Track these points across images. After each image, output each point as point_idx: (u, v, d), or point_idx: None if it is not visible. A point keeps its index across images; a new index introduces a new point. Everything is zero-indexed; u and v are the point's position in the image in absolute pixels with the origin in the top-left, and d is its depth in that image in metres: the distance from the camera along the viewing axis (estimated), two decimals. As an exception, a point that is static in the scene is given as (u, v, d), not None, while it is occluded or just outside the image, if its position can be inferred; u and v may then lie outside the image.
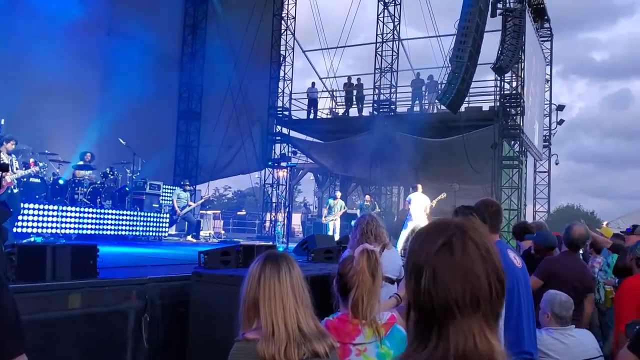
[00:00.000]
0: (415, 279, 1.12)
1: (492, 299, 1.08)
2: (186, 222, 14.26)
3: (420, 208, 12.09)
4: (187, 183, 14.74)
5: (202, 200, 16.44)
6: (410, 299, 1.14)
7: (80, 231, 10.59)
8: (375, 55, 19.45)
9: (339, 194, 17.29)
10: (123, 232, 11.70)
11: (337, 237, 12.35)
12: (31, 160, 9.45)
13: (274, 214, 21.71)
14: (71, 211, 10.49)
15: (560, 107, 24.59)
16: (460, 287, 1.07)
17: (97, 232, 10.96)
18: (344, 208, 15.70)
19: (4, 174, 7.03)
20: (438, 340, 1.08)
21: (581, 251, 6.47)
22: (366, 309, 2.29)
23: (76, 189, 11.15)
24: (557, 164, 25.04)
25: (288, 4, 22.47)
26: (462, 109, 16.01)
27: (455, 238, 1.11)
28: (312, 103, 22.40)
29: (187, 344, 4.28)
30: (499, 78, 17.15)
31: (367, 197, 17.36)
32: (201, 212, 19.14)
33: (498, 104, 17.57)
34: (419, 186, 12.48)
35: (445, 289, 1.08)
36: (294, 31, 22.60)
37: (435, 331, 1.09)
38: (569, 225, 4.89)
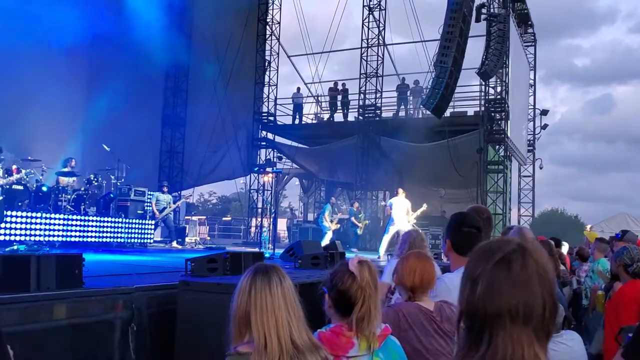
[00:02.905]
0: (470, 287, 1.20)
1: (544, 317, 1.15)
2: (167, 228, 14.13)
3: (401, 212, 12.11)
4: (166, 184, 14.56)
5: (181, 201, 16.28)
6: (463, 307, 1.22)
7: (64, 238, 10.46)
8: (361, 60, 19.51)
9: (333, 199, 17.35)
10: (108, 239, 11.57)
11: (326, 242, 12.31)
12: (14, 166, 9.33)
13: (259, 219, 21.65)
14: (55, 218, 10.34)
15: (544, 112, 24.82)
16: (515, 298, 1.15)
17: (81, 239, 10.82)
18: (338, 213, 15.76)
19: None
20: (488, 346, 1.15)
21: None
22: (372, 323, 2.25)
23: (60, 195, 11.01)
24: (541, 168, 25.28)
25: (273, 9, 22.47)
26: (447, 113, 16.12)
27: (516, 255, 1.19)
28: (298, 108, 22.40)
29: (174, 354, 4.23)
30: (483, 83, 17.27)
31: (355, 204, 17.39)
32: (186, 217, 19.03)
33: (483, 108, 17.70)
34: (400, 190, 12.52)
35: (501, 299, 1.15)
36: (279, 36, 22.61)
37: (486, 338, 1.16)
38: (519, 230, 4.89)
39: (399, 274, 2.81)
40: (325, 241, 13.57)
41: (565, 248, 9.58)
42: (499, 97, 17.46)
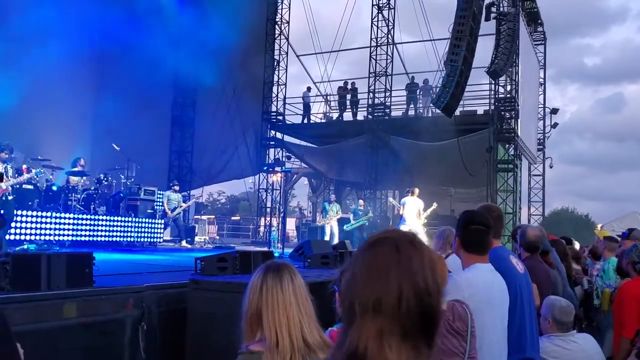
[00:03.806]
0: (344, 279, 1.16)
1: (399, 309, 1.06)
2: (176, 227, 14.16)
3: (413, 212, 12.08)
4: (176, 184, 14.59)
5: (192, 201, 16.33)
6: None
7: (74, 238, 10.49)
8: (370, 59, 19.46)
9: (333, 197, 17.24)
10: (118, 239, 11.61)
11: (335, 241, 12.29)
12: (24, 166, 9.36)
13: (268, 218, 21.65)
14: (65, 218, 10.38)
15: (554, 111, 24.70)
16: (365, 289, 1.08)
17: (91, 238, 10.86)
18: (339, 212, 15.64)
19: (-2, 182, 6.98)
20: (344, 339, 1.10)
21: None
22: None
23: (70, 195, 11.04)
24: (551, 167, 25.17)
25: (282, 9, 22.46)
26: (457, 112, 16.02)
27: (375, 245, 1.14)
28: (307, 107, 22.38)
29: (185, 352, 4.23)
30: (493, 82, 17.19)
31: (361, 202, 17.32)
32: (196, 217, 19.07)
33: (493, 107, 17.62)
34: (416, 190, 12.46)
35: (355, 290, 1.10)
36: (288, 36, 22.60)
37: (345, 331, 1.11)
38: (522, 229, 4.85)
39: None
40: (327, 238, 13.56)
41: (576, 247, 9.50)
42: (508, 95, 17.37)
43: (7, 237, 8.62)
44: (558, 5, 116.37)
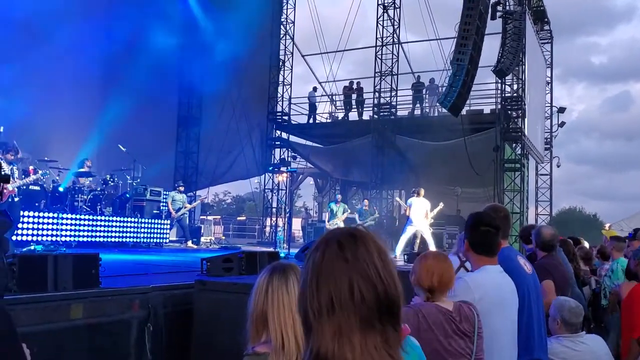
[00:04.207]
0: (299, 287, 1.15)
1: (354, 302, 1.05)
2: (181, 228, 14.17)
3: (420, 213, 12.02)
4: (182, 184, 14.63)
5: (197, 202, 16.34)
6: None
7: (80, 238, 10.52)
8: (375, 59, 19.43)
9: (339, 197, 17.22)
10: (124, 239, 11.63)
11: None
12: (31, 167, 9.39)
13: (274, 219, 21.64)
14: (71, 218, 10.41)
15: (561, 110, 24.57)
16: (316, 292, 1.07)
17: (97, 239, 10.89)
18: (348, 211, 15.62)
19: (5, 184, 6.99)
20: (307, 346, 1.09)
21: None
22: None
23: (76, 196, 11.08)
24: (558, 166, 25.03)
25: (287, 9, 22.45)
26: (463, 112, 15.96)
27: (319, 246, 1.12)
28: (313, 107, 22.36)
29: (190, 353, 4.23)
30: (499, 81, 17.13)
31: (366, 201, 17.29)
32: (201, 217, 19.08)
33: (499, 106, 17.55)
34: (422, 190, 12.42)
35: (305, 296, 1.09)
36: (293, 36, 22.60)
37: (306, 341, 1.10)
38: (537, 230, 4.83)
39: (417, 275, 2.77)
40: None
41: (586, 246, 9.44)
42: (515, 94, 17.31)
43: (13, 238, 8.65)
44: (564, 3, 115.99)
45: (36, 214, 9.71)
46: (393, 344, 1.08)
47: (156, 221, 12.64)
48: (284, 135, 22.54)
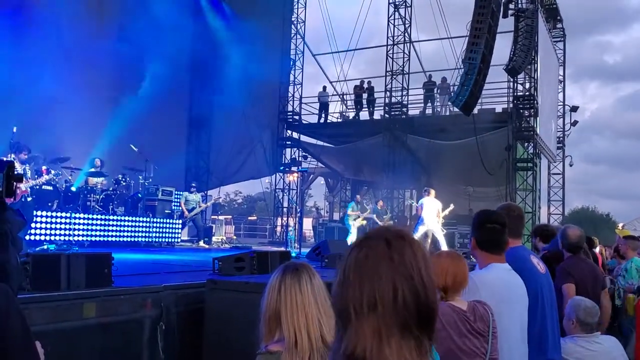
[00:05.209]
0: (335, 282, 1.12)
1: (396, 304, 1.03)
2: (195, 227, 14.22)
3: (432, 212, 11.98)
4: (194, 185, 14.71)
5: (210, 202, 16.38)
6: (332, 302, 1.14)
7: (93, 238, 10.59)
8: (387, 58, 19.36)
9: (358, 197, 17.24)
10: (136, 239, 11.69)
11: (352, 240, 12.24)
12: (43, 167, 9.44)
13: (285, 218, 21.65)
14: (84, 218, 10.48)
15: (574, 108, 24.37)
16: (358, 289, 1.05)
17: (109, 238, 10.96)
18: (368, 210, 15.67)
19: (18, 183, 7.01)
20: (340, 343, 1.07)
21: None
22: None
23: (88, 195, 11.15)
24: (571, 165, 24.86)
25: (298, 8, 22.45)
26: (475, 111, 15.88)
27: (363, 244, 1.10)
28: (324, 107, 22.33)
29: (202, 352, 4.23)
30: (511, 79, 17.02)
31: (380, 202, 17.26)
32: (213, 217, 19.12)
33: (511, 105, 17.45)
34: (432, 190, 12.38)
35: (347, 291, 1.06)
36: (304, 35, 22.58)
37: (341, 334, 1.08)
38: (562, 231, 4.77)
39: None
40: (351, 239, 13.51)
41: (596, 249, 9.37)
42: (527, 93, 17.18)
43: (26, 237, 8.70)
44: (578, 2, 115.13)
45: (49, 213, 9.79)
46: (425, 353, 1.07)
47: (168, 221, 12.69)
48: (295, 135, 22.54)
